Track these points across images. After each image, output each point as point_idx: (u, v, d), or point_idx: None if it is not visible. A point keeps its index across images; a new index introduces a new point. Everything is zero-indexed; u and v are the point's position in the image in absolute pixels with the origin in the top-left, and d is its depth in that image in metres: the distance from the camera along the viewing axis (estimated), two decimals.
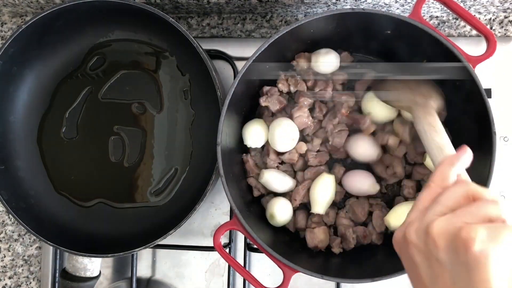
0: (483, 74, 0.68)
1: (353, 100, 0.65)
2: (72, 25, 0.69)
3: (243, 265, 0.66)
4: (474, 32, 0.74)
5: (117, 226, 0.71)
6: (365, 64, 0.69)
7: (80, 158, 0.72)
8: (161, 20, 0.63)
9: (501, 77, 0.72)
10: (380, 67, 0.68)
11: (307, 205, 0.68)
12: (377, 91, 0.60)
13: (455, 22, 0.74)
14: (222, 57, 0.75)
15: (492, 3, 0.70)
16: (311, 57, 0.66)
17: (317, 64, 0.65)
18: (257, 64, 0.59)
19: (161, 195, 0.71)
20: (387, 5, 0.71)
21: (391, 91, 0.58)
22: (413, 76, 0.66)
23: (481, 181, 0.54)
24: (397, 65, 0.67)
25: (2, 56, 0.64)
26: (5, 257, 0.81)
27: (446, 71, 0.60)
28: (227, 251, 0.71)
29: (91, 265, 0.69)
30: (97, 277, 0.71)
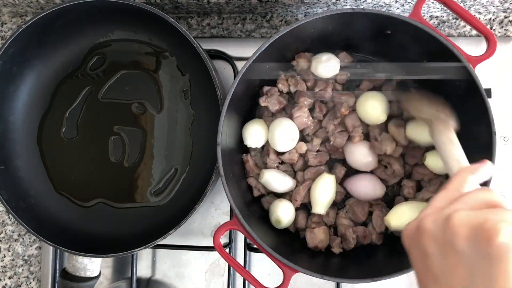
0: (483, 74, 0.68)
1: (353, 100, 0.65)
2: (72, 25, 0.69)
3: (243, 265, 0.66)
4: (474, 32, 0.74)
5: (117, 226, 0.71)
6: (364, 64, 0.69)
7: (80, 158, 0.72)
8: (161, 20, 0.63)
9: (501, 77, 0.72)
10: (380, 67, 0.68)
11: (307, 205, 0.68)
12: (403, 101, 0.61)
13: (455, 22, 0.74)
14: (222, 57, 0.75)
15: (492, 3, 0.70)
16: (311, 57, 0.66)
17: (318, 69, 0.65)
18: (257, 64, 0.59)
19: (161, 195, 0.71)
20: (387, 5, 0.71)
21: (415, 102, 0.59)
22: (413, 76, 0.66)
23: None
24: (397, 65, 0.67)
25: (2, 56, 0.64)
26: (5, 257, 0.81)
27: (446, 71, 0.60)
28: (227, 251, 0.71)
29: (91, 265, 0.69)
30: (97, 277, 0.71)
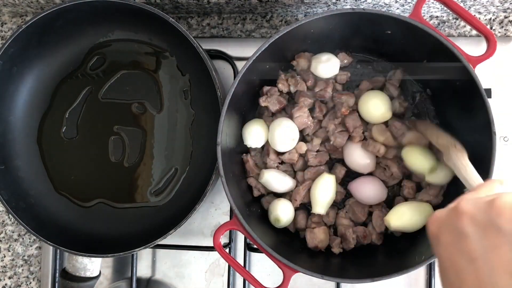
0: (483, 74, 0.68)
1: (353, 100, 0.65)
2: (72, 25, 0.69)
3: (243, 265, 0.66)
4: (474, 32, 0.74)
5: (117, 226, 0.71)
6: (364, 64, 0.69)
7: (80, 158, 0.72)
8: (161, 20, 0.63)
9: (501, 77, 0.72)
10: (380, 67, 0.68)
11: (307, 205, 0.68)
12: (420, 126, 0.62)
13: (455, 22, 0.74)
14: (222, 57, 0.75)
15: (492, 3, 0.70)
16: (311, 57, 0.66)
17: (317, 69, 0.65)
18: (257, 64, 0.59)
19: (161, 195, 0.71)
20: (387, 5, 0.71)
21: (432, 129, 0.60)
22: (413, 76, 0.66)
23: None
24: (397, 65, 0.67)
25: (2, 56, 0.64)
26: (5, 257, 0.81)
27: (446, 71, 0.60)
28: (227, 251, 0.71)
29: (91, 265, 0.69)
30: (97, 277, 0.71)
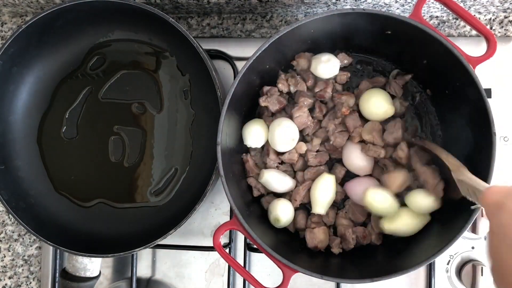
0: (483, 74, 0.69)
1: (353, 100, 0.65)
2: (72, 25, 0.69)
3: (243, 265, 0.66)
4: (474, 32, 0.74)
5: (117, 226, 0.71)
6: (364, 64, 0.69)
7: (80, 158, 0.72)
8: (161, 20, 0.63)
9: (501, 77, 0.72)
10: (380, 67, 0.68)
11: (307, 205, 0.68)
12: (431, 147, 0.62)
13: (455, 22, 0.74)
14: (222, 57, 0.75)
15: (492, 3, 0.70)
16: (311, 57, 0.66)
17: (317, 69, 0.65)
18: (257, 64, 0.59)
19: (161, 195, 0.71)
20: (387, 5, 0.71)
21: (442, 150, 0.60)
22: (414, 76, 0.66)
23: None
24: (397, 66, 0.67)
25: (2, 56, 0.64)
26: (5, 257, 0.81)
27: (446, 71, 0.60)
28: (227, 251, 0.71)
29: (91, 265, 0.69)
30: (97, 277, 0.71)
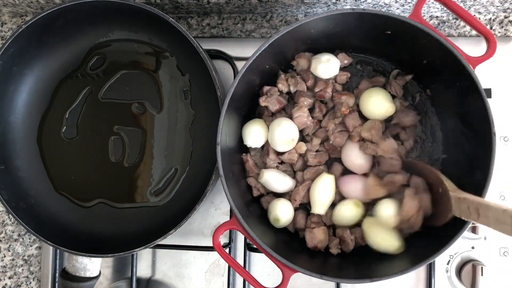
0: (483, 74, 0.69)
1: (353, 100, 0.65)
2: (72, 25, 0.69)
3: (243, 265, 0.66)
4: (474, 32, 0.74)
5: (117, 226, 0.71)
6: (364, 64, 0.69)
7: (80, 158, 0.72)
8: (161, 20, 0.63)
9: (501, 77, 0.72)
10: (380, 67, 0.68)
11: (307, 205, 0.68)
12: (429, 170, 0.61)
13: (455, 22, 0.74)
14: (222, 57, 0.75)
15: (492, 3, 0.70)
16: (311, 57, 0.66)
17: (317, 69, 0.65)
18: (257, 64, 0.59)
19: (161, 195, 0.71)
20: (387, 5, 0.71)
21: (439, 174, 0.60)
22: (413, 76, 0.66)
23: (481, 181, 0.54)
24: (396, 66, 0.67)
25: (2, 56, 0.64)
26: (5, 257, 0.81)
27: (446, 71, 0.60)
28: (227, 251, 0.71)
29: (91, 265, 0.69)
30: (97, 277, 0.71)
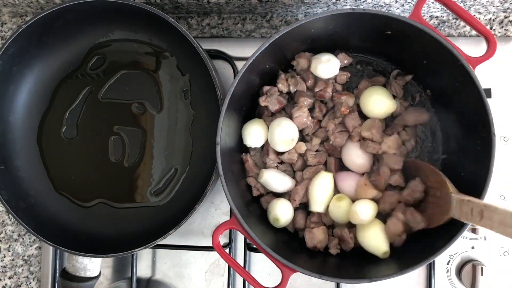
0: (483, 74, 0.69)
1: (352, 100, 0.65)
2: (72, 25, 0.69)
3: (243, 265, 0.66)
4: (474, 32, 0.74)
5: (117, 226, 0.71)
6: (364, 64, 0.69)
7: (80, 158, 0.72)
8: (161, 20, 0.63)
9: (501, 77, 0.72)
10: (380, 68, 0.68)
11: (306, 205, 0.67)
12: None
13: (455, 22, 0.74)
14: (222, 57, 0.75)
15: (492, 3, 0.70)
16: (311, 57, 0.66)
17: (317, 69, 0.65)
18: (257, 64, 0.59)
19: (161, 195, 0.71)
20: (387, 5, 0.71)
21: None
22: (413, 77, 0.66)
23: (480, 182, 0.54)
24: (396, 66, 0.67)
25: (2, 56, 0.64)
26: (5, 257, 0.81)
27: (446, 72, 0.60)
28: (227, 251, 0.71)
29: (91, 265, 0.69)
30: (97, 277, 0.71)
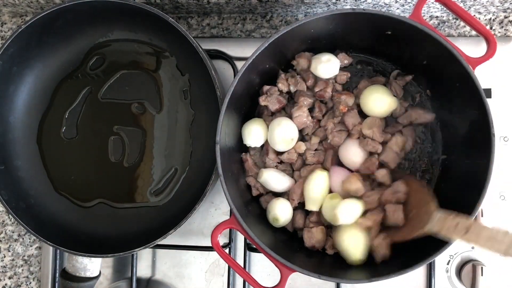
0: (483, 74, 0.69)
1: (352, 100, 0.65)
2: (72, 25, 0.69)
3: (243, 265, 0.66)
4: (474, 32, 0.74)
5: (117, 226, 0.71)
6: (364, 64, 0.69)
7: (80, 158, 0.72)
8: (161, 20, 0.63)
9: (501, 77, 0.72)
10: (380, 68, 0.68)
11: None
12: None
13: (455, 22, 0.74)
14: (222, 57, 0.75)
15: (492, 3, 0.70)
16: (311, 57, 0.66)
17: (317, 69, 0.65)
18: (257, 63, 0.59)
19: (161, 195, 0.71)
20: (387, 5, 0.71)
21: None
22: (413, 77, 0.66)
23: (480, 182, 0.54)
24: (396, 66, 0.67)
25: (2, 56, 0.64)
26: (5, 257, 0.81)
27: (446, 72, 0.60)
28: (227, 251, 0.71)
29: (91, 265, 0.69)
30: (97, 277, 0.71)
